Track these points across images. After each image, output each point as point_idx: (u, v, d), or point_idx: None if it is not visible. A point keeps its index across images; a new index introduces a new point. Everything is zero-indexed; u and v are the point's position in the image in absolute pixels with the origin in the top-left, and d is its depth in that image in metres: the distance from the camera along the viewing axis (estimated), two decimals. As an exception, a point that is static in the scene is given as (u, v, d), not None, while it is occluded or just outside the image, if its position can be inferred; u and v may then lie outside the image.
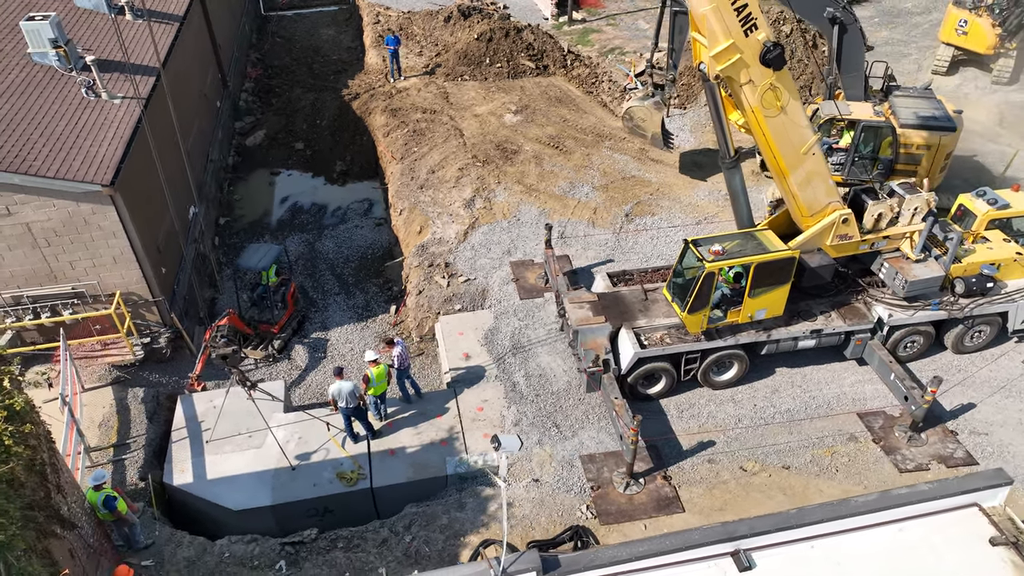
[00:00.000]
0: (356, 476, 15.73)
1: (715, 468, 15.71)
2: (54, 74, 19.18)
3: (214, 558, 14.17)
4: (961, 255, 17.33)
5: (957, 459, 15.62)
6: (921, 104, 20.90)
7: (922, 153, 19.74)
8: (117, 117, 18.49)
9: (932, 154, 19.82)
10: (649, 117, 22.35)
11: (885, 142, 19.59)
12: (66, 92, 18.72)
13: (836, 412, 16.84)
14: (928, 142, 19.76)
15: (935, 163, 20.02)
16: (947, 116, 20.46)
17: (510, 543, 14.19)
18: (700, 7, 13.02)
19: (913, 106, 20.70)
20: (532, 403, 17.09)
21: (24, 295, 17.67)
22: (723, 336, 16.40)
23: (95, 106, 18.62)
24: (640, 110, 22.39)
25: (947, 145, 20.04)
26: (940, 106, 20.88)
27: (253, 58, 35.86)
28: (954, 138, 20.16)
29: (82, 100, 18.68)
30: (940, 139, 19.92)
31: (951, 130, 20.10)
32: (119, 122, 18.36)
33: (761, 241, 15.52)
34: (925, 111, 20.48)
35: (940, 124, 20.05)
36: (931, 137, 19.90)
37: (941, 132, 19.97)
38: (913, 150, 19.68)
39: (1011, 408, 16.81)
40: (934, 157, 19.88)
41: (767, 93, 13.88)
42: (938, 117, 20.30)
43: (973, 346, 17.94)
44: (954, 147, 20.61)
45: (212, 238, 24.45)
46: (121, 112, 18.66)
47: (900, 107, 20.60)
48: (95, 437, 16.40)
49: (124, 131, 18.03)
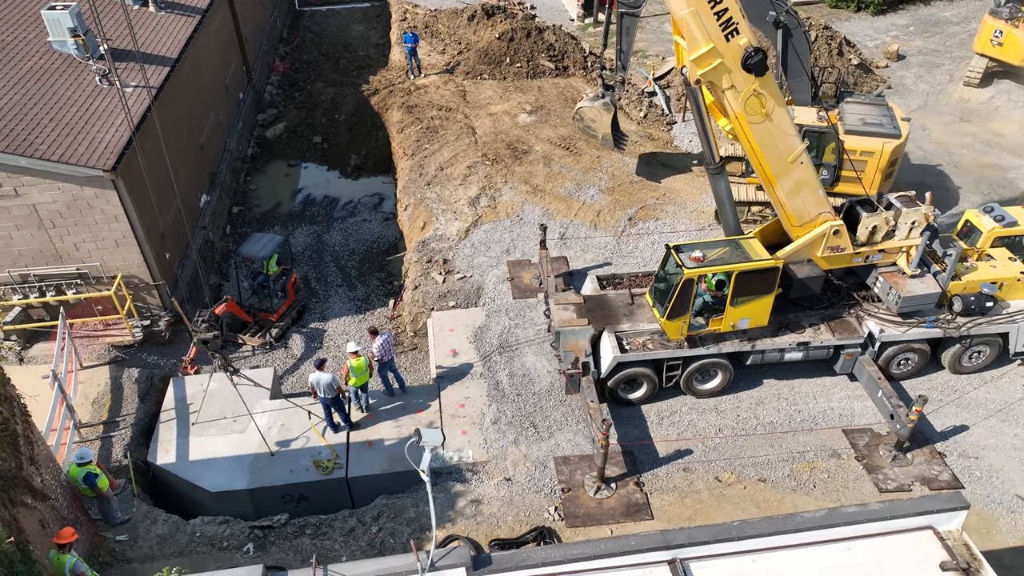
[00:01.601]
0: (332, 465, 15.96)
1: (690, 477, 15.54)
2: (72, 62, 19.87)
3: (186, 537, 14.53)
4: (961, 272, 16.84)
5: (942, 482, 15.17)
6: (870, 111, 20.85)
7: (865, 160, 19.46)
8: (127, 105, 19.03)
9: (876, 161, 19.68)
10: (599, 118, 22.34)
11: (828, 148, 19.35)
12: (81, 80, 19.38)
13: (821, 427, 16.50)
14: (871, 149, 19.53)
15: (879, 170, 19.86)
16: (893, 123, 20.37)
17: (473, 539, 14.34)
18: (679, 10, 12.89)
19: (861, 112, 20.65)
20: (513, 402, 17.12)
21: (31, 274, 18.36)
22: (706, 344, 16.20)
23: (107, 94, 19.24)
24: (590, 111, 22.42)
25: (890, 152, 19.89)
26: (889, 113, 20.86)
27: (282, 52, 36.53)
28: (899, 145, 20.12)
29: (95, 88, 19.33)
30: (883, 146, 19.76)
31: (895, 137, 19.98)
32: (129, 110, 18.89)
33: (745, 249, 15.29)
34: (872, 118, 20.44)
35: (884, 131, 19.98)
36: (874, 144, 19.69)
37: (885, 139, 19.83)
38: (857, 156, 19.34)
39: (1006, 432, 16.27)
40: (877, 164, 19.74)
41: (751, 99, 13.66)
42: (884, 124, 20.24)
43: (972, 367, 17.39)
44: (900, 155, 20.61)
45: (224, 226, 25.02)
46: (131, 100, 19.22)
47: (848, 113, 20.52)
48: (87, 413, 16.94)
49: (133, 118, 18.55)
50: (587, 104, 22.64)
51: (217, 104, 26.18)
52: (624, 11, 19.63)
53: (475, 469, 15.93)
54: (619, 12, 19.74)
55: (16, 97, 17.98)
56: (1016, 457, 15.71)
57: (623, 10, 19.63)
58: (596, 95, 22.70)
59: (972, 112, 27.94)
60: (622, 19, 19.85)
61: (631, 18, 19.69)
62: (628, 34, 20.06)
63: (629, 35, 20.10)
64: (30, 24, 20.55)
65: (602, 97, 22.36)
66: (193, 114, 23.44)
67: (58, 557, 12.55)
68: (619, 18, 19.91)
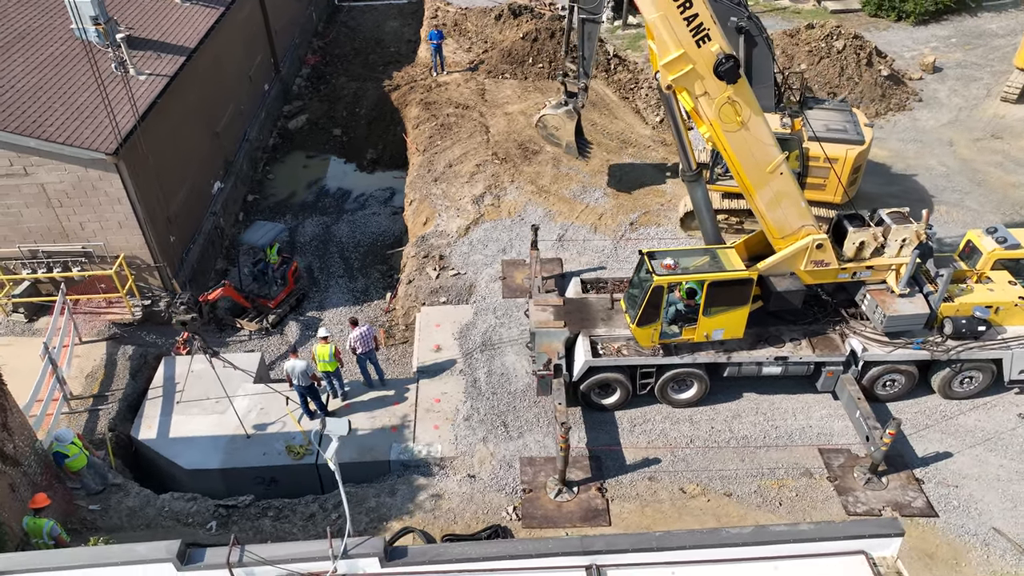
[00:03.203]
0: (303, 451, 16.29)
1: (654, 486, 15.38)
2: (92, 49, 20.63)
3: (155, 511, 15.03)
4: (955, 294, 16.26)
5: (914, 508, 14.68)
6: (834, 117, 20.50)
7: (828, 167, 19.06)
8: (138, 93, 19.73)
9: (840, 167, 19.28)
10: (563, 125, 21.79)
11: (792, 155, 18.85)
12: (97, 66, 20.10)
13: (797, 444, 16.13)
14: (835, 155, 19.12)
15: (843, 176, 19.45)
16: (857, 129, 20.00)
17: (428, 532, 14.47)
18: (648, 15, 12.75)
19: (825, 119, 20.28)
20: (488, 400, 17.20)
21: (40, 250, 19.18)
22: (681, 353, 16.00)
23: (121, 81, 19.93)
24: (553, 118, 21.85)
25: (854, 159, 19.47)
26: (853, 119, 20.48)
27: (315, 45, 37.24)
28: (863, 151, 19.71)
29: (111, 75, 20.04)
30: (847, 152, 19.35)
31: (859, 143, 19.59)
32: (139, 97, 19.60)
33: (719, 259, 15.05)
34: (836, 124, 20.11)
35: (848, 137, 19.64)
36: (838, 150, 19.25)
37: (848, 145, 19.45)
38: (820, 163, 18.85)
39: (991, 462, 15.64)
40: (842, 170, 19.35)
41: (725, 107, 13.44)
42: (847, 130, 19.89)
43: (963, 392, 16.77)
44: (864, 161, 20.21)
45: (237, 213, 25.69)
46: (143, 88, 19.92)
47: (812, 119, 20.08)
48: (80, 386, 17.64)
49: (140, 106, 19.23)
50: (550, 112, 22.03)
51: (239, 94, 26.89)
52: (584, 17, 18.96)
53: (442, 464, 16.07)
54: (579, 18, 19.06)
55: (32, 81, 18.81)
56: (998, 488, 15.10)
57: (583, 16, 18.96)
58: (559, 102, 22.07)
59: (1005, 129, 26.87)
60: (583, 25, 19.17)
61: (592, 24, 19.08)
62: (589, 40, 19.44)
63: (591, 41, 19.49)
64: (55, 11, 21.44)
65: (565, 104, 21.74)
66: (210, 103, 24.12)
67: (34, 522, 13.16)
68: (579, 24, 19.26)
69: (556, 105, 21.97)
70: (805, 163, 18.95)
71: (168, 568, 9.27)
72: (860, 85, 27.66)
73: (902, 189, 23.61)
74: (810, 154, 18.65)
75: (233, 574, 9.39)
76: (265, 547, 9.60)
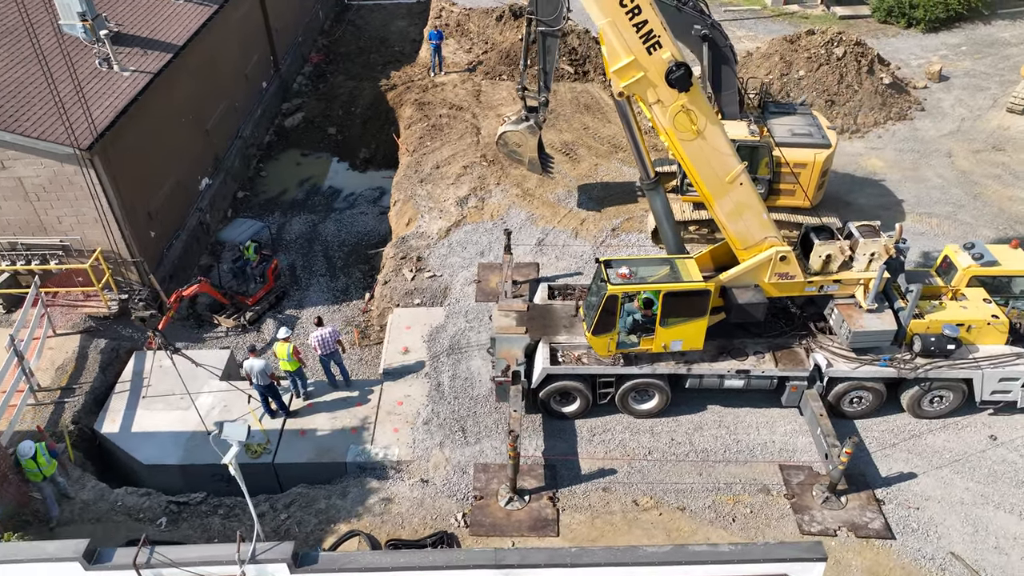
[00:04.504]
0: (260, 450, 16.33)
1: (607, 498, 15.17)
2: (78, 45, 20.93)
3: (108, 504, 15.16)
4: (927, 310, 15.83)
5: (871, 530, 14.31)
6: (796, 121, 20.05)
7: (798, 172, 18.65)
8: (120, 88, 19.96)
9: (808, 172, 18.82)
10: (525, 141, 20.79)
11: (762, 162, 18.42)
12: (82, 62, 20.38)
13: (757, 460, 15.82)
14: (803, 160, 18.66)
15: (812, 180, 18.98)
16: (821, 133, 19.59)
17: (374, 536, 14.41)
18: (596, 20, 12.54)
19: (788, 123, 19.86)
20: (449, 404, 17.11)
21: (19, 242, 19.47)
22: (641, 363, 15.77)
23: (104, 77, 20.19)
24: (515, 135, 20.78)
25: (822, 162, 19.07)
26: (815, 122, 20.04)
27: (320, 44, 37.44)
28: (830, 155, 19.28)
29: (95, 70, 20.30)
30: (815, 156, 18.94)
31: (826, 147, 19.15)
32: (121, 93, 19.82)
33: (677, 269, 14.78)
34: (800, 128, 19.69)
35: (815, 141, 19.22)
36: (806, 155, 18.85)
37: (816, 149, 19.03)
38: (789, 169, 18.44)
39: (957, 484, 15.20)
40: (811, 175, 18.88)
41: (679, 115, 13.18)
42: (812, 134, 19.47)
43: (933, 411, 16.33)
44: (830, 165, 19.80)
45: (226, 210, 25.88)
46: (125, 84, 20.13)
47: (776, 125, 19.73)
48: (49, 378, 17.86)
49: (120, 102, 19.44)
50: (511, 128, 20.83)
51: (233, 92, 27.08)
52: (544, 30, 18.13)
53: (398, 467, 16.02)
54: (538, 31, 18.25)
55: (15, 76, 19.10)
56: (961, 512, 14.67)
57: (542, 29, 18.13)
58: (519, 117, 20.90)
59: (1008, 140, 26.16)
60: (543, 39, 18.33)
61: (552, 38, 18.27)
62: (549, 54, 18.63)
63: (550, 54, 18.67)
64: (45, 6, 21.69)
65: (526, 120, 20.62)
66: (200, 100, 24.30)
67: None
68: (539, 38, 18.42)
69: (516, 121, 20.99)
70: (775, 169, 18.57)
71: (75, 567, 9.30)
72: (860, 93, 27.10)
73: (893, 200, 23.09)
74: (781, 160, 18.24)
75: (141, 575, 9.39)
76: (174, 549, 9.60)
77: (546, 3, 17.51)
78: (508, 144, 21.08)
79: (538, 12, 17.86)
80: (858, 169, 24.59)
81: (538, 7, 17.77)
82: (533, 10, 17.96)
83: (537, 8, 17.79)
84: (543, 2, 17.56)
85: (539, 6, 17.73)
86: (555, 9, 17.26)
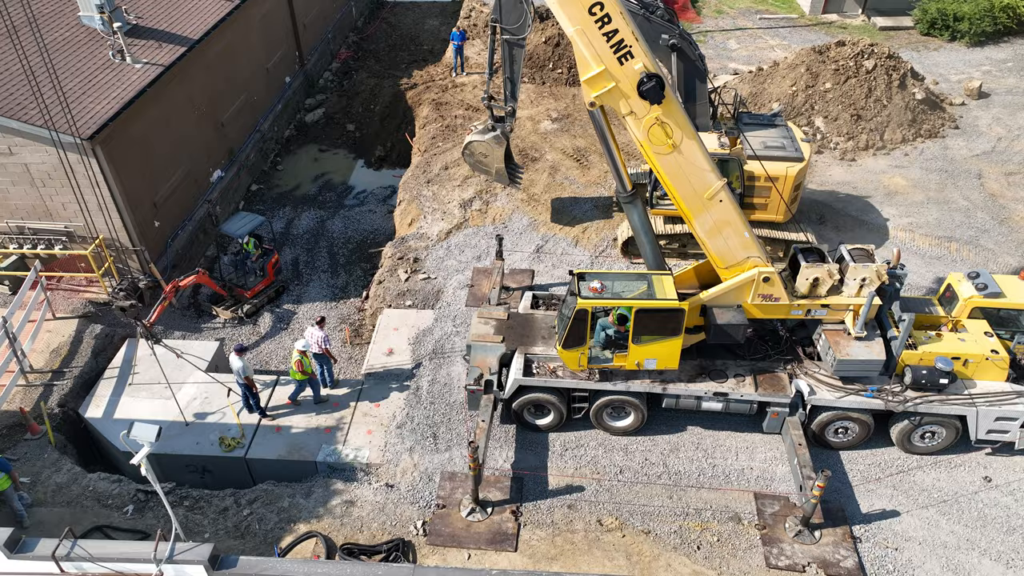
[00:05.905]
0: (234, 443, 16.45)
1: (571, 515, 14.82)
2: (95, 36, 21.42)
3: (80, 489, 15.44)
4: (921, 341, 15.06)
5: (841, 568, 13.65)
6: (770, 133, 19.31)
7: (770, 185, 17.92)
8: (130, 80, 20.36)
9: (781, 186, 18.09)
10: (491, 152, 20.36)
11: (734, 176, 17.68)
12: (96, 53, 20.86)
13: (732, 487, 15.26)
14: (775, 174, 17.91)
15: (784, 194, 18.25)
16: (795, 145, 18.87)
17: (330, 539, 14.35)
18: (566, 28, 12.21)
19: (762, 135, 19.10)
20: (425, 409, 16.97)
21: (27, 226, 20.02)
22: (616, 380, 15.37)
23: (116, 68, 20.62)
24: (481, 145, 20.31)
25: (795, 176, 18.34)
26: (790, 134, 19.27)
27: (351, 40, 37.71)
28: (803, 168, 18.56)
29: (107, 62, 20.75)
30: (787, 170, 18.23)
31: (799, 160, 18.43)
32: (130, 85, 20.21)
33: (652, 286, 14.33)
34: (773, 140, 18.97)
35: (787, 155, 18.53)
36: (778, 168, 18.10)
37: (788, 163, 18.33)
38: (761, 182, 17.76)
39: (942, 527, 14.42)
40: (783, 188, 18.17)
41: (654, 128, 12.76)
42: (785, 147, 18.75)
43: (925, 448, 15.53)
44: (804, 178, 19.17)
45: (238, 202, 26.22)
46: (135, 77, 20.51)
47: (748, 137, 18.95)
48: (43, 360, 18.32)
49: (127, 94, 19.82)
50: (477, 138, 20.41)
51: (252, 86, 27.40)
52: (508, 39, 17.80)
53: (367, 470, 15.96)
54: (503, 40, 17.94)
55: (30, 64, 19.57)
56: (943, 556, 13.90)
57: (507, 38, 17.80)
58: (485, 127, 20.54)
59: (1046, 164, 24.84)
60: (509, 49, 17.99)
61: (518, 48, 17.92)
62: (515, 63, 18.28)
63: (516, 64, 18.31)
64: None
65: (492, 130, 20.27)
66: (215, 93, 24.66)
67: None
68: (504, 47, 18.10)
69: (483, 130, 20.56)
70: (746, 184, 17.94)
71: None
72: (889, 108, 26.03)
73: (911, 222, 22.11)
74: (751, 174, 17.65)
75: (60, 567, 9.46)
76: (95, 543, 9.66)
77: (510, 11, 17.20)
78: (474, 154, 20.63)
79: (502, 20, 17.52)
80: (879, 188, 23.62)
81: (502, 15, 17.45)
82: (497, 18, 17.64)
83: (501, 16, 17.48)
84: (507, 10, 17.25)
85: (503, 14, 17.42)
86: (519, 17, 16.97)
